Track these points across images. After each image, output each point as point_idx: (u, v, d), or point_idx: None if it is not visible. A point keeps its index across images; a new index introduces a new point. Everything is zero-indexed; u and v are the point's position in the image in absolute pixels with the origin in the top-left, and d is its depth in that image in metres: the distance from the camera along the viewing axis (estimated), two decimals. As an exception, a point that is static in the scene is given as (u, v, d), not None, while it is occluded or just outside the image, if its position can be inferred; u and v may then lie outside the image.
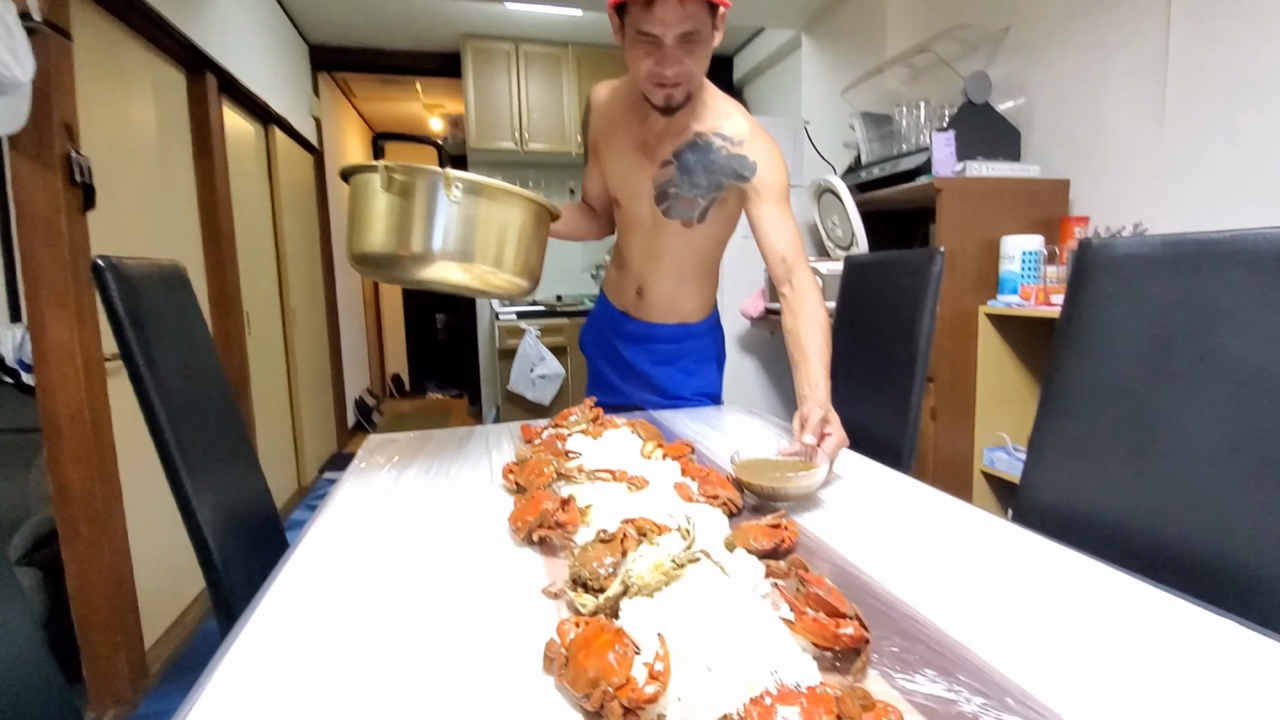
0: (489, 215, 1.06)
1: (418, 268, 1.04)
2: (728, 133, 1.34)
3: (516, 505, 0.90)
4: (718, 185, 1.37)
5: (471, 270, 1.06)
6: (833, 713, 0.43)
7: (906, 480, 1.04)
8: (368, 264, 1.07)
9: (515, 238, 1.09)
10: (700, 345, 1.61)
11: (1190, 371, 0.82)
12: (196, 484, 0.88)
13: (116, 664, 1.78)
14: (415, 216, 1.02)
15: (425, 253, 1.03)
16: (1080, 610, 0.63)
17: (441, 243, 1.03)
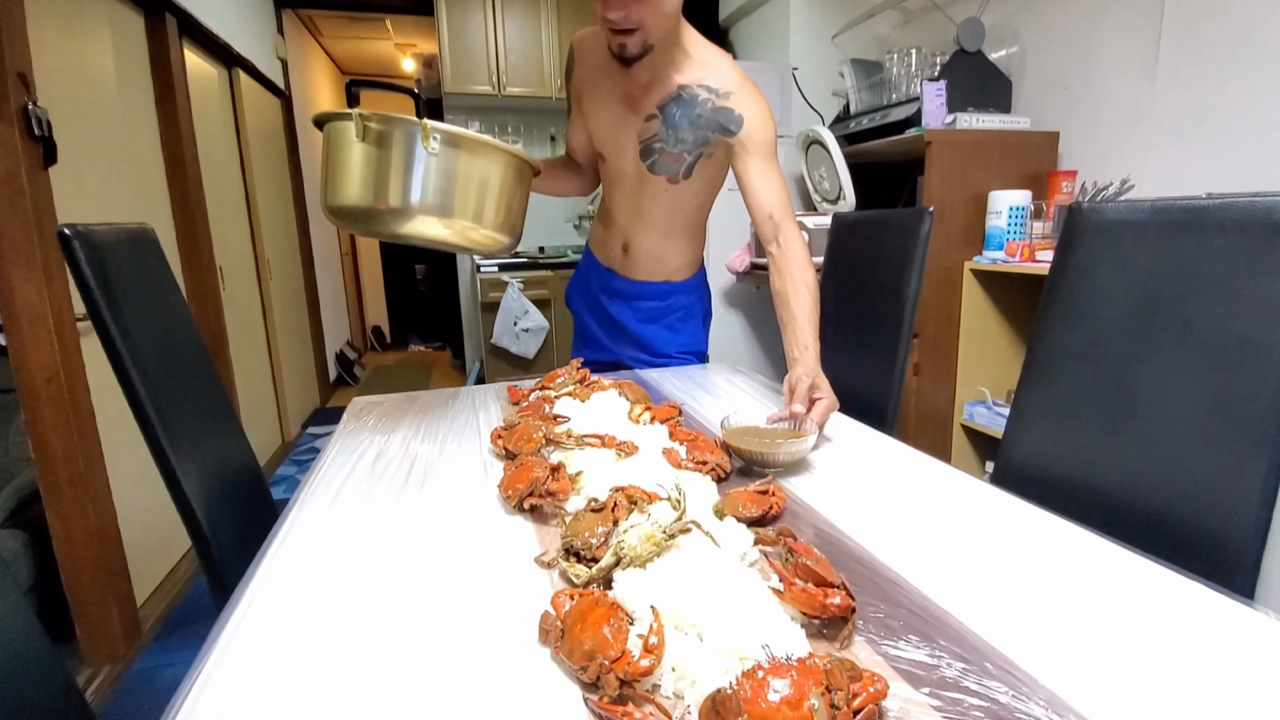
0: (469, 169, 1.03)
1: (396, 222, 1.01)
2: (713, 84, 1.30)
3: (506, 472, 0.91)
4: (704, 140, 1.33)
5: (451, 225, 1.04)
6: (822, 684, 0.45)
7: (891, 443, 1.06)
8: (344, 217, 1.04)
9: (496, 192, 1.07)
10: (686, 302, 1.61)
11: (1171, 338, 0.84)
12: (179, 453, 0.87)
13: (109, 622, 1.80)
14: (392, 169, 0.99)
15: (403, 207, 1.00)
16: (1056, 574, 0.66)
17: (420, 196, 1.00)
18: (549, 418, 1.11)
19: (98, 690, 1.69)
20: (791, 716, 0.43)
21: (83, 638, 1.76)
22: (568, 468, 0.90)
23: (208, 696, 0.51)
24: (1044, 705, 0.48)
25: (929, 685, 0.50)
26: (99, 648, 1.78)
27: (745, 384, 1.45)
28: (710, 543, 0.67)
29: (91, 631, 1.77)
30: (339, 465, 1.01)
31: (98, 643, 1.78)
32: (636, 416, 1.12)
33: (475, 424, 1.22)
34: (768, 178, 1.29)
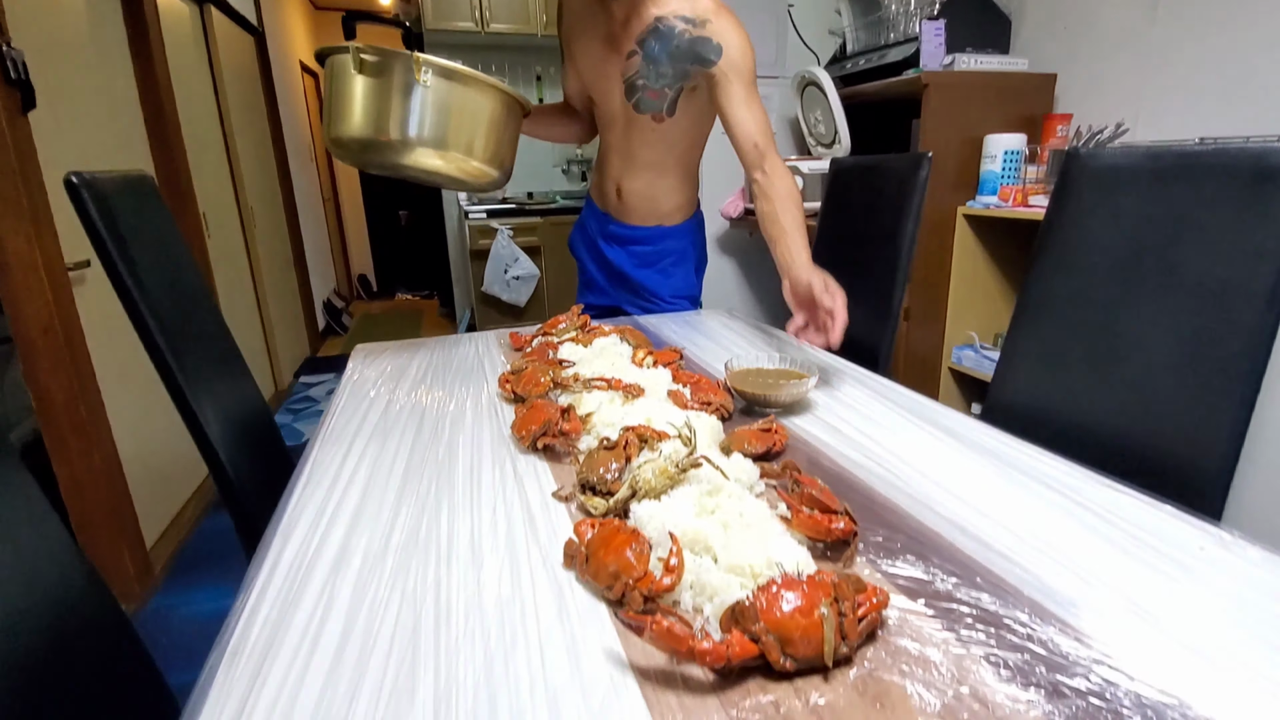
0: (461, 102, 1.06)
1: (393, 153, 1.04)
2: (689, 14, 1.29)
3: (517, 414, 0.94)
4: (683, 74, 1.34)
5: (445, 157, 1.07)
6: (830, 595, 0.49)
7: (885, 383, 1.10)
8: (345, 148, 1.06)
9: (486, 126, 1.10)
10: (679, 246, 1.62)
11: (1157, 283, 0.87)
12: (199, 398, 0.89)
13: (121, 565, 1.85)
14: (387, 100, 1.02)
15: (400, 138, 1.03)
16: (1041, 500, 0.71)
17: (415, 128, 1.03)
18: (554, 363, 1.14)
19: (116, 629, 1.75)
20: (804, 624, 0.47)
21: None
22: (577, 409, 0.94)
23: (255, 634, 0.55)
24: (1027, 612, 0.53)
25: (924, 597, 0.55)
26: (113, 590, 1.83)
27: (740, 328, 1.48)
28: (720, 475, 0.71)
29: (104, 574, 1.82)
30: (351, 411, 1.04)
31: (112, 585, 1.83)
32: (640, 360, 1.15)
33: (481, 370, 1.24)
34: (749, 107, 1.30)
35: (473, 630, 0.53)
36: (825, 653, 0.47)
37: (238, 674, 0.49)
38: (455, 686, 0.47)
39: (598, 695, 0.46)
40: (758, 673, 0.48)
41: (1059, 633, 0.51)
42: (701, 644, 0.46)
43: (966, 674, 0.47)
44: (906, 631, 0.51)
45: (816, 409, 1.00)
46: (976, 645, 0.49)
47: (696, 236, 1.65)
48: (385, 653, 0.51)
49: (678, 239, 1.61)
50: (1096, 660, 0.48)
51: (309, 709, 0.46)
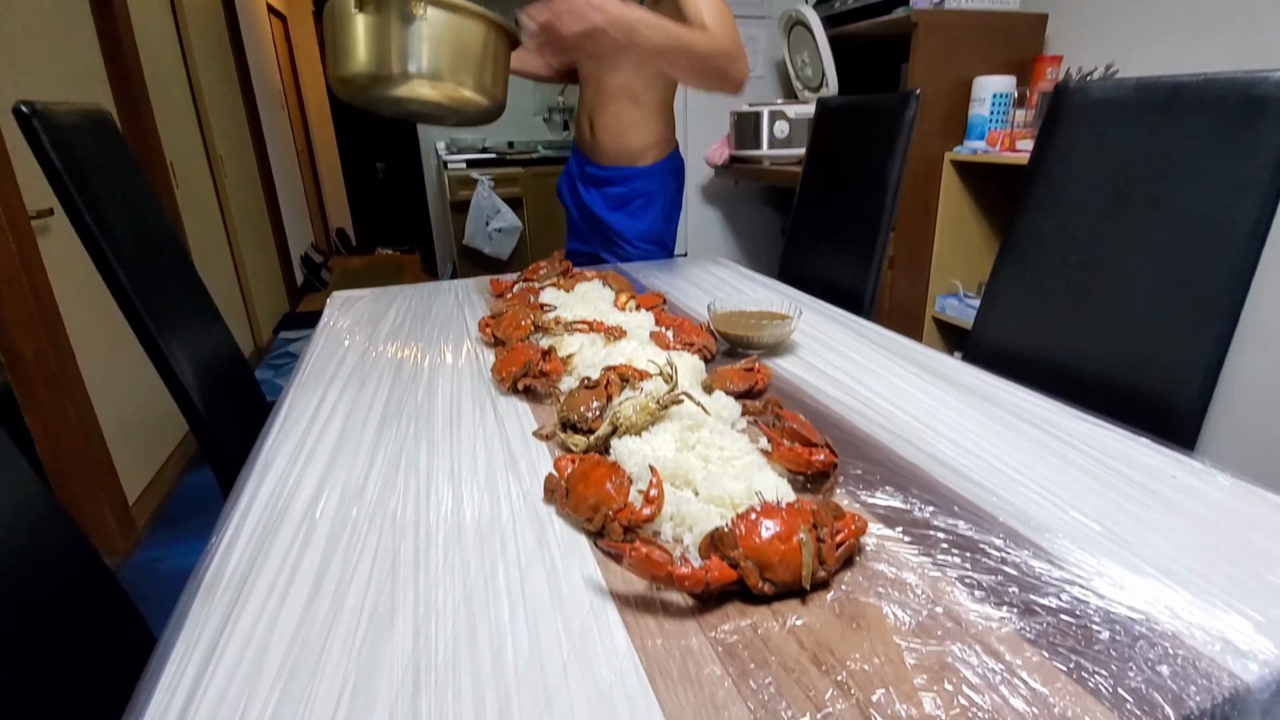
0: (457, 32, 1.10)
1: (397, 86, 1.10)
2: None
3: (498, 357, 0.92)
4: None
5: (446, 87, 1.12)
6: (809, 522, 0.50)
7: (868, 326, 1.09)
8: (351, 85, 1.12)
9: (479, 55, 1.14)
10: (647, 189, 1.61)
11: (1141, 219, 0.87)
12: (169, 341, 0.87)
13: (103, 519, 1.84)
14: (387, 35, 1.07)
15: (403, 71, 1.09)
16: (1018, 434, 0.71)
17: (417, 60, 1.09)
18: (535, 307, 1.12)
19: (101, 581, 1.75)
20: (783, 549, 0.47)
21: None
22: (558, 351, 0.92)
23: (231, 567, 0.55)
24: (1002, 537, 0.54)
25: (901, 525, 0.56)
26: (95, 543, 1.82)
27: (724, 274, 1.47)
28: (701, 411, 0.71)
29: (86, 528, 1.81)
30: (328, 357, 1.02)
31: (93, 539, 1.82)
32: (622, 304, 1.14)
33: (460, 316, 1.22)
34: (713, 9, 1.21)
35: (452, 561, 0.53)
36: (803, 576, 0.47)
37: (213, 607, 0.49)
38: (435, 613, 0.47)
39: (577, 620, 0.46)
40: (736, 597, 0.48)
41: (1032, 556, 0.51)
42: (680, 569, 0.46)
43: (941, 595, 0.47)
44: (883, 557, 0.52)
45: (799, 350, 0.99)
46: (952, 568, 0.50)
47: (668, 180, 1.63)
48: (364, 583, 0.51)
49: (647, 180, 1.60)
50: (1068, 581, 0.48)
51: (286, 638, 0.45)
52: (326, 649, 0.44)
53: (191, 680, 0.42)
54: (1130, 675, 0.40)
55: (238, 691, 0.41)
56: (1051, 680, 0.40)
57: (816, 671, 0.41)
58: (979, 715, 0.37)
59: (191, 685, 0.42)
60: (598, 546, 0.48)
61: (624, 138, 1.55)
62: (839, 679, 0.40)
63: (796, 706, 0.39)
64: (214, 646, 0.45)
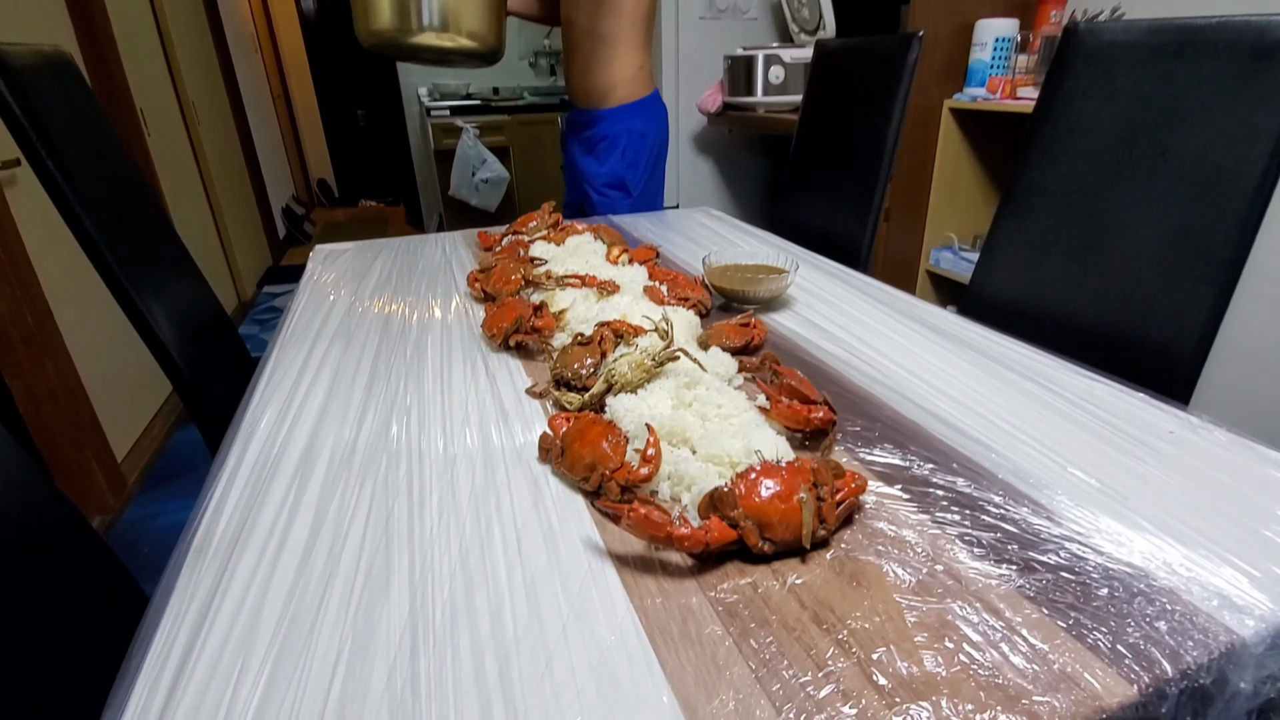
0: None
1: (412, 35, 1.31)
2: None
3: (488, 313, 0.90)
4: None
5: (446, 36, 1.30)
6: (809, 480, 0.49)
7: (864, 280, 1.08)
8: (380, 39, 1.32)
9: None
10: (611, 131, 1.59)
11: (1147, 168, 0.84)
12: (145, 298, 0.84)
13: (91, 476, 1.83)
14: None
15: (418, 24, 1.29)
16: (1016, 390, 0.71)
17: (428, 13, 1.29)
18: (526, 260, 1.09)
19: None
20: (783, 508, 0.47)
21: (66, 491, 1.79)
22: (550, 306, 0.90)
23: (220, 529, 0.53)
24: (1001, 494, 0.53)
25: (901, 482, 0.55)
26: (86, 501, 1.82)
27: (718, 226, 1.44)
28: (698, 368, 0.69)
29: (74, 485, 1.80)
30: (311, 312, 1.00)
31: (83, 496, 1.81)
32: (615, 258, 1.11)
33: (449, 270, 1.19)
34: None
35: (447, 522, 0.52)
36: (803, 535, 0.47)
37: (203, 570, 0.48)
38: (431, 575, 0.47)
39: (576, 581, 0.46)
40: (736, 556, 0.48)
41: (1031, 513, 0.51)
42: (680, 529, 0.45)
43: (941, 553, 0.47)
44: (883, 515, 0.51)
45: (795, 305, 0.98)
46: (951, 526, 0.50)
47: (634, 123, 1.59)
48: (357, 546, 0.50)
49: (611, 122, 1.57)
50: (1066, 537, 0.48)
51: (279, 602, 0.45)
52: (322, 612, 0.44)
53: (184, 645, 0.41)
54: (1128, 631, 0.40)
55: (231, 656, 0.41)
56: (1051, 637, 0.40)
57: (817, 630, 0.41)
58: (979, 672, 0.38)
59: (184, 650, 0.41)
60: (595, 507, 0.48)
61: (590, 77, 1.53)
62: (840, 637, 0.40)
63: (798, 665, 0.38)
64: (206, 611, 0.44)
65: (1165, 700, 0.37)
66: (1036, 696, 0.36)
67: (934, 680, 0.37)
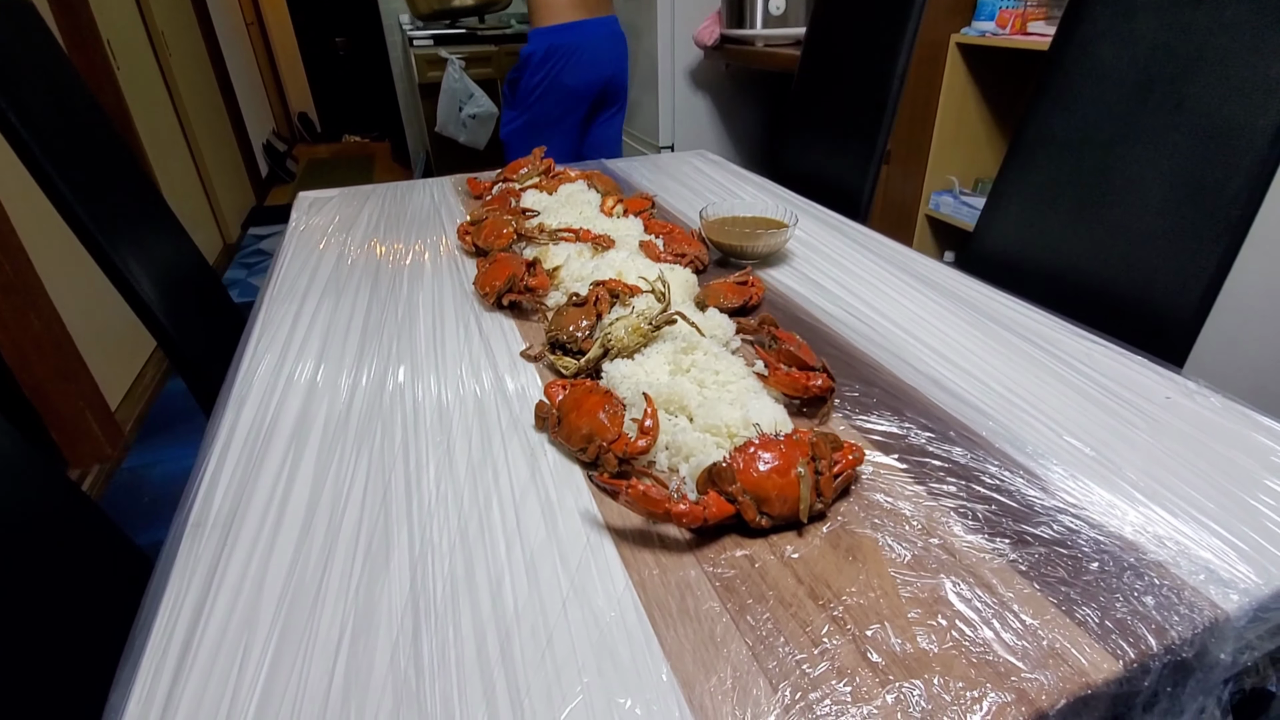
0: None
1: None
2: None
3: (480, 269, 0.88)
4: None
5: None
6: (808, 455, 0.49)
7: (864, 232, 1.05)
8: None
9: None
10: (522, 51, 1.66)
11: (1162, 121, 0.81)
12: (122, 253, 0.81)
13: (86, 425, 1.82)
14: None
15: None
16: (1015, 352, 0.70)
17: None
18: (517, 212, 1.06)
19: (92, 487, 1.77)
20: (781, 483, 0.47)
21: (62, 442, 1.79)
22: (544, 263, 0.88)
23: (217, 503, 0.53)
24: (997, 464, 0.54)
25: (898, 452, 0.55)
26: (82, 450, 1.82)
27: (714, 172, 1.40)
28: (695, 332, 0.68)
29: (69, 435, 1.80)
30: (299, 266, 0.97)
31: (79, 445, 1.82)
32: (609, 209, 1.08)
33: (438, 220, 1.16)
34: None
35: (445, 494, 0.52)
36: (800, 510, 0.47)
37: (202, 548, 0.48)
38: (431, 550, 0.47)
39: (575, 555, 0.46)
40: (733, 530, 0.48)
41: (1026, 484, 0.51)
42: (678, 505, 0.45)
43: (936, 526, 0.48)
44: (880, 486, 0.52)
45: (794, 260, 0.96)
46: (947, 498, 0.50)
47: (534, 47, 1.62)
48: (356, 519, 0.50)
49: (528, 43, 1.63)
50: (1060, 510, 0.49)
51: (279, 580, 0.45)
52: (322, 590, 0.44)
53: (186, 627, 0.42)
54: (1117, 606, 0.41)
55: (234, 639, 0.41)
56: (1041, 613, 0.41)
57: (813, 605, 0.42)
58: (970, 649, 0.38)
59: (186, 633, 0.41)
60: (593, 482, 0.47)
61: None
62: (835, 614, 0.41)
63: (794, 642, 0.39)
64: (206, 591, 0.44)
65: (1148, 675, 0.38)
66: (1025, 674, 0.37)
67: (926, 657, 0.38)
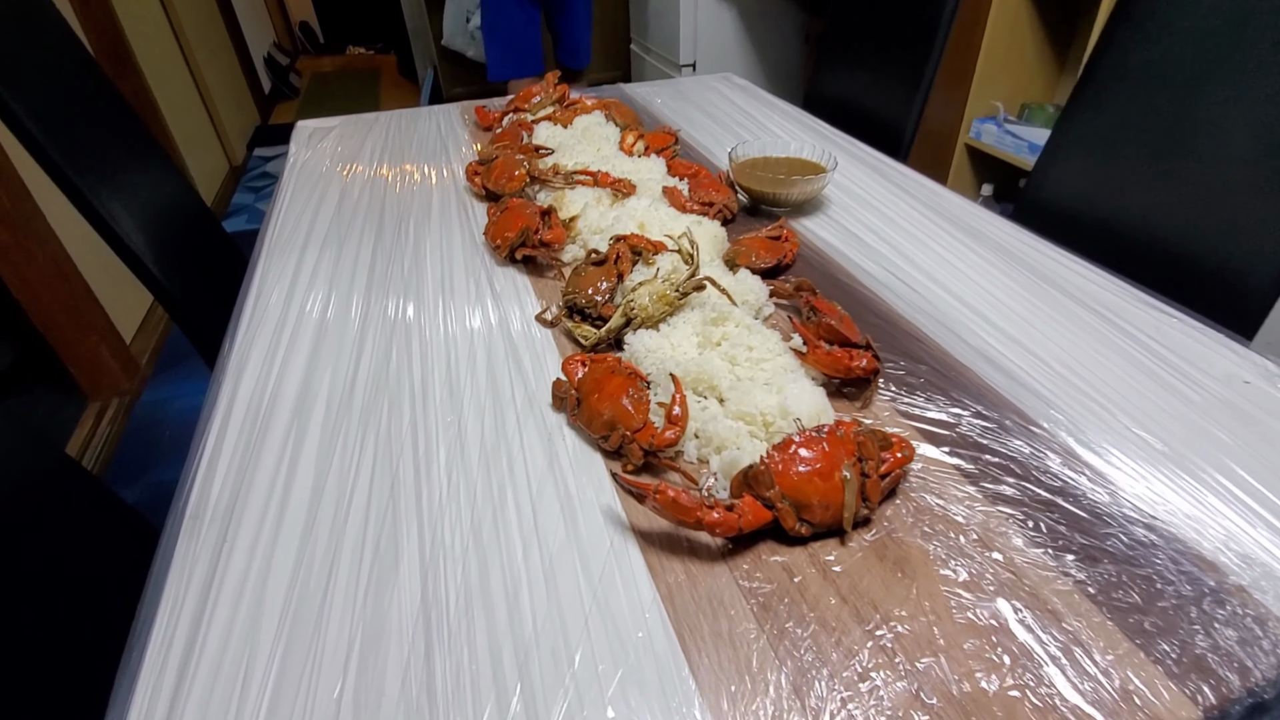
0: None
1: None
2: None
3: (491, 218, 0.82)
4: None
5: None
6: (853, 455, 0.44)
7: (906, 174, 0.97)
8: None
9: None
10: None
11: (1256, 60, 0.71)
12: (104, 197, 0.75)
13: (102, 360, 1.81)
14: None
15: None
16: (1076, 323, 0.64)
17: None
18: (529, 149, 0.98)
19: (112, 422, 1.78)
20: (823, 488, 0.43)
21: (79, 377, 1.79)
22: (560, 212, 0.82)
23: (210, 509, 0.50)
24: (1059, 459, 0.49)
25: (949, 444, 0.51)
26: (100, 384, 1.82)
27: (743, 100, 1.29)
28: (725, 300, 0.63)
29: (85, 370, 1.79)
30: (299, 206, 0.91)
31: (97, 380, 1.81)
32: (630, 146, 1.00)
33: (445, 154, 1.08)
34: None
35: (457, 485, 0.48)
36: (844, 519, 0.43)
37: (200, 545, 0.45)
38: (442, 553, 0.44)
39: (597, 560, 0.43)
40: (769, 535, 0.44)
41: (1091, 484, 0.47)
42: (711, 513, 0.41)
43: (994, 537, 0.43)
44: (930, 485, 0.47)
45: (830, 208, 0.88)
46: (1005, 503, 0.46)
47: None
48: (363, 515, 0.46)
49: None
50: (1131, 519, 0.44)
51: (283, 585, 0.42)
52: (328, 599, 0.41)
53: (184, 640, 0.39)
54: (1196, 641, 0.37)
55: (235, 655, 0.38)
56: (1114, 646, 0.37)
57: (859, 630, 0.38)
58: (1035, 692, 0.35)
59: (185, 647, 0.39)
60: (618, 481, 0.43)
61: None
62: (884, 643, 0.37)
63: (837, 676, 0.36)
64: (205, 597, 0.41)
65: (1227, 718, 0.35)
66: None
67: (985, 699, 0.35)
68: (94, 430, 1.75)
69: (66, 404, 1.80)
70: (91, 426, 1.75)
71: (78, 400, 1.82)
